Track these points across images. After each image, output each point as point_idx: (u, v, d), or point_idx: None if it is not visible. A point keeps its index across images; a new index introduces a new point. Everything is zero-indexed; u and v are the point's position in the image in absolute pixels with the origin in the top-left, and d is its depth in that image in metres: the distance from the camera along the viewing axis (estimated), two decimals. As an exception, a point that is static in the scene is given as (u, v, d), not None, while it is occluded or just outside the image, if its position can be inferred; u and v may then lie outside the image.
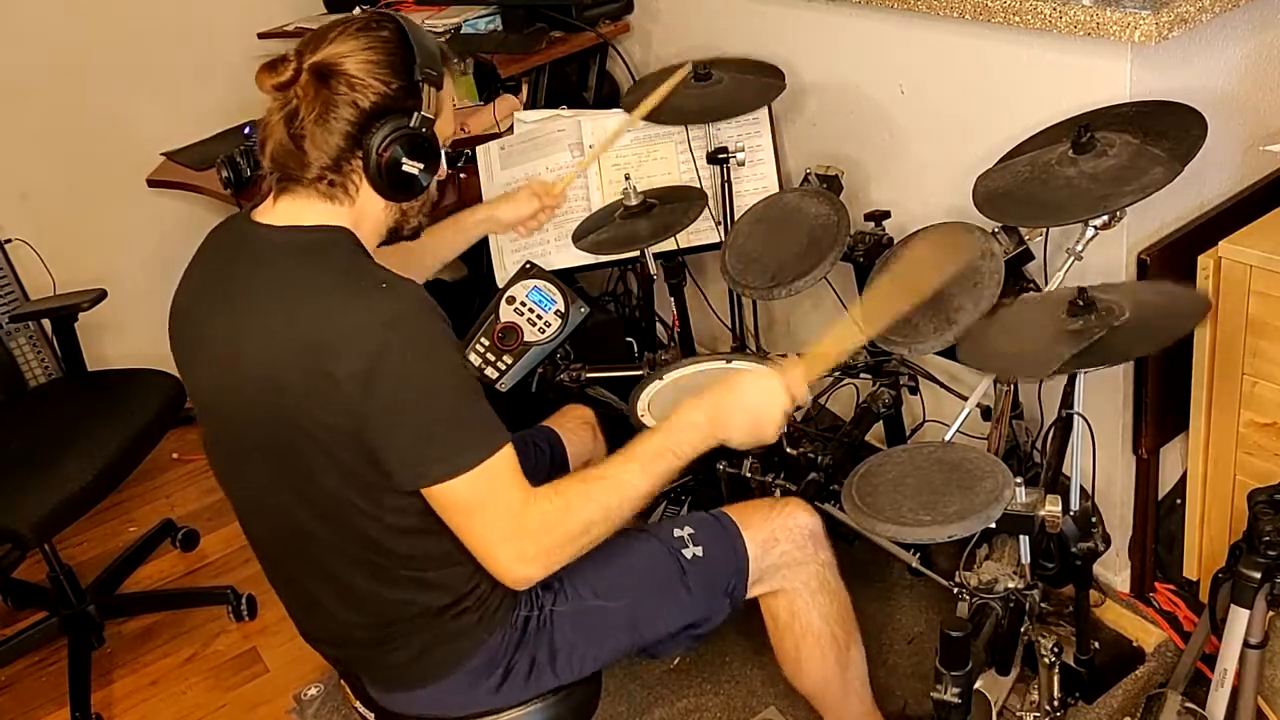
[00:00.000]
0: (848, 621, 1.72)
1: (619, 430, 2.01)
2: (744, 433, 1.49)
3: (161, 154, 3.06)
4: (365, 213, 1.42)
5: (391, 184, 1.39)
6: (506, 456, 1.35)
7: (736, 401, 1.49)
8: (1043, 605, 1.84)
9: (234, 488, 1.51)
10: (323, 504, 1.39)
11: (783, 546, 1.64)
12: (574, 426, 1.98)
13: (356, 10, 3.05)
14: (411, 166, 1.39)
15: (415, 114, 1.38)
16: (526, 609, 1.52)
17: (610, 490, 1.41)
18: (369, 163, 1.37)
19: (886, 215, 2.11)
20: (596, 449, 2.00)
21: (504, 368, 2.18)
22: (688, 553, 1.60)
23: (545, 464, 1.88)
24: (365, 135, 1.36)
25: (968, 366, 1.69)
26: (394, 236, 1.51)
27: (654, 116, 2.28)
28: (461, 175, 2.57)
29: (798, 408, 1.55)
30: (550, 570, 1.40)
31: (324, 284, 1.34)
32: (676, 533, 1.62)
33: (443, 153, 1.46)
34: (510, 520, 1.35)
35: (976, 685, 1.75)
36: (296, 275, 1.36)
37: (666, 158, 2.41)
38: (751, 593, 1.65)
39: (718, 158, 2.29)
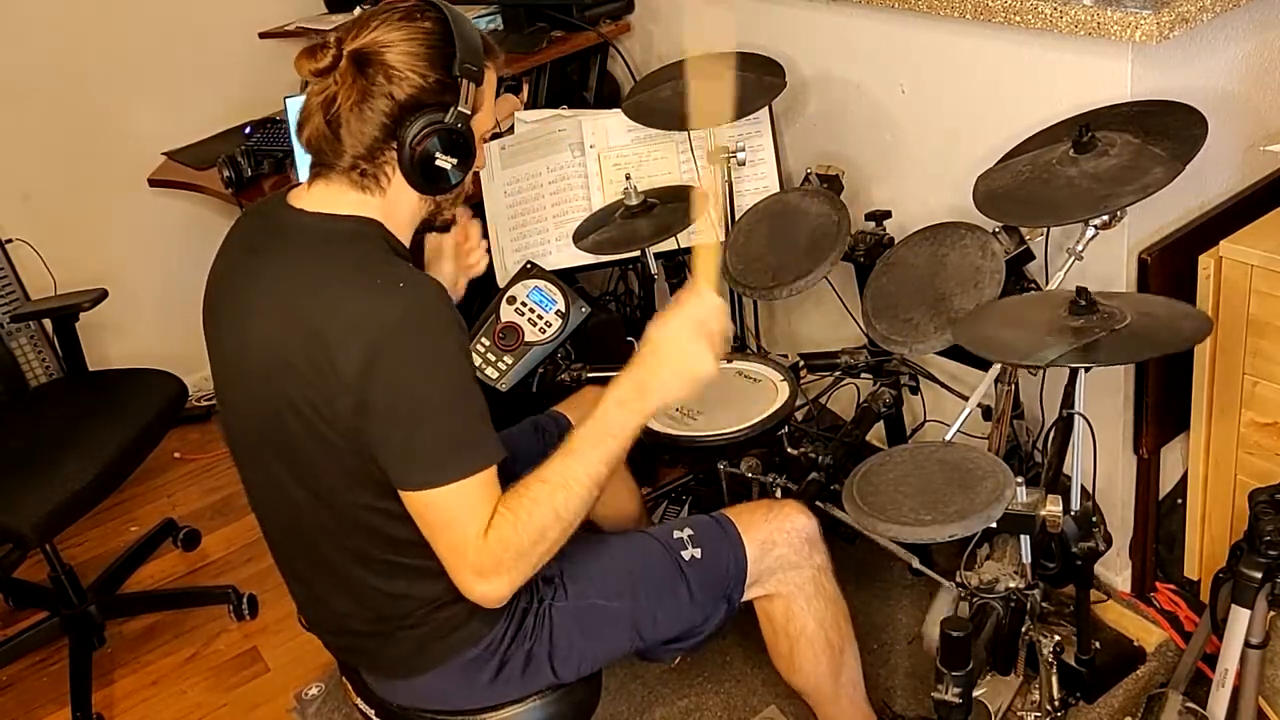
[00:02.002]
0: (842, 626, 1.72)
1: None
2: (681, 385, 1.42)
3: (163, 154, 3.06)
4: (397, 203, 1.42)
5: (424, 177, 1.39)
6: (484, 478, 1.34)
7: (658, 361, 1.42)
8: (1044, 605, 1.84)
9: (246, 474, 1.52)
10: (324, 494, 1.39)
11: (780, 550, 1.63)
12: (588, 409, 1.96)
13: (357, 9, 3.08)
14: (445, 161, 1.38)
15: (451, 109, 1.37)
16: (525, 601, 1.52)
17: (553, 490, 1.38)
18: (402, 155, 1.37)
19: (887, 215, 2.11)
20: None
21: (504, 368, 2.18)
22: (686, 554, 1.60)
23: (545, 438, 1.87)
24: (400, 127, 1.36)
25: (967, 352, 1.67)
26: (426, 227, 1.51)
27: (654, 120, 2.28)
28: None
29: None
30: (516, 585, 1.38)
31: (341, 276, 1.34)
32: (676, 534, 1.62)
33: (479, 146, 1.44)
34: (473, 543, 1.34)
35: (978, 693, 1.75)
36: (317, 264, 1.37)
37: (667, 157, 2.41)
38: (747, 595, 1.65)
39: (719, 158, 2.29)
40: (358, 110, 1.35)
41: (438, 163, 1.38)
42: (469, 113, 1.39)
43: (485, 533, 1.34)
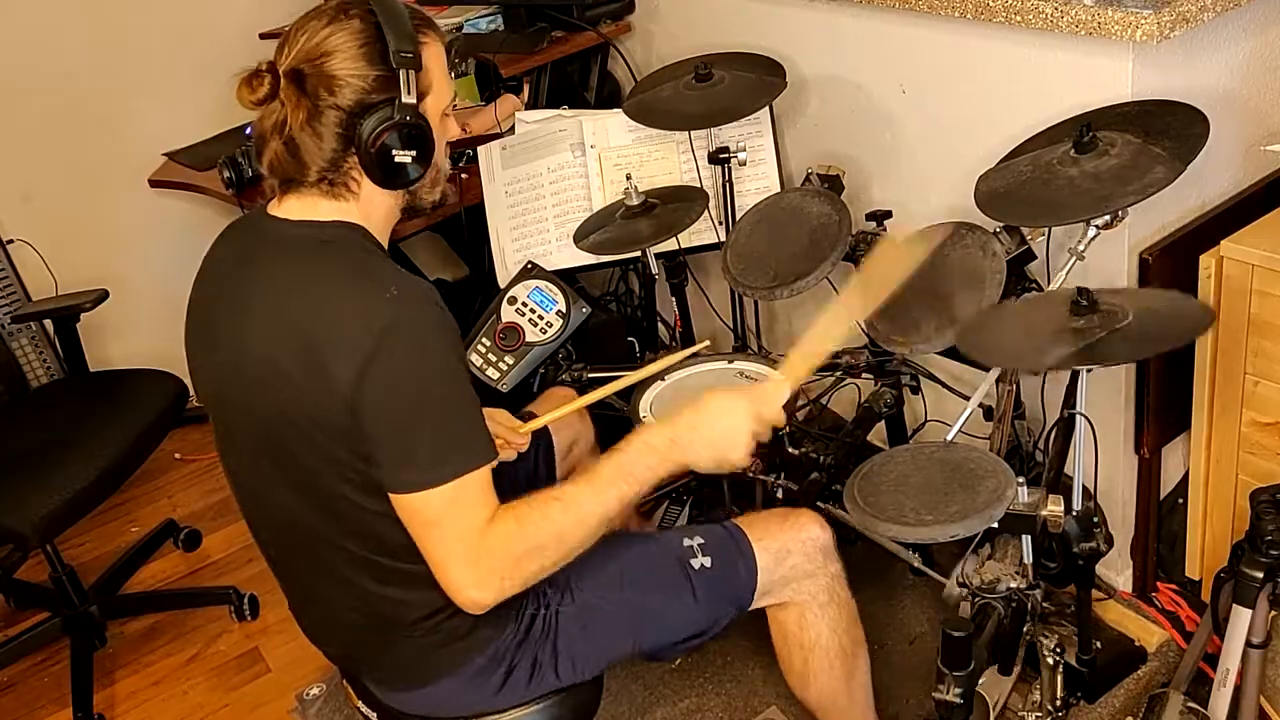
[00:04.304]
0: (855, 631, 1.71)
1: (621, 431, 2.01)
2: (708, 458, 1.44)
3: (163, 154, 3.06)
4: (373, 204, 1.42)
5: (387, 175, 1.39)
6: (479, 477, 1.33)
7: (701, 425, 1.44)
8: (1045, 605, 1.84)
9: (239, 483, 1.52)
10: (323, 501, 1.39)
11: (794, 559, 1.63)
12: (557, 406, 1.95)
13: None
14: (404, 155, 1.38)
15: (396, 101, 1.36)
16: (533, 606, 1.52)
17: (564, 513, 1.38)
18: (362, 159, 1.37)
19: (888, 215, 2.11)
20: (583, 429, 1.99)
21: (505, 368, 2.18)
22: (696, 562, 1.59)
23: (532, 451, 1.87)
24: (353, 132, 1.35)
25: (968, 359, 1.68)
26: (414, 213, 1.51)
27: (654, 120, 2.29)
28: (463, 175, 2.57)
29: (776, 430, 1.48)
30: (504, 594, 1.37)
31: (330, 281, 1.35)
32: (686, 542, 1.61)
33: (435, 131, 1.42)
34: (468, 542, 1.33)
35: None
36: (304, 272, 1.37)
37: (668, 158, 2.41)
38: (759, 604, 1.64)
39: (719, 158, 2.29)
40: (310, 128, 1.34)
41: (396, 158, 1.37)
42: (414, 101, 1.37)
43: (483, 531, 1.34)
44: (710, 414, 1.44)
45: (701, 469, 1.46)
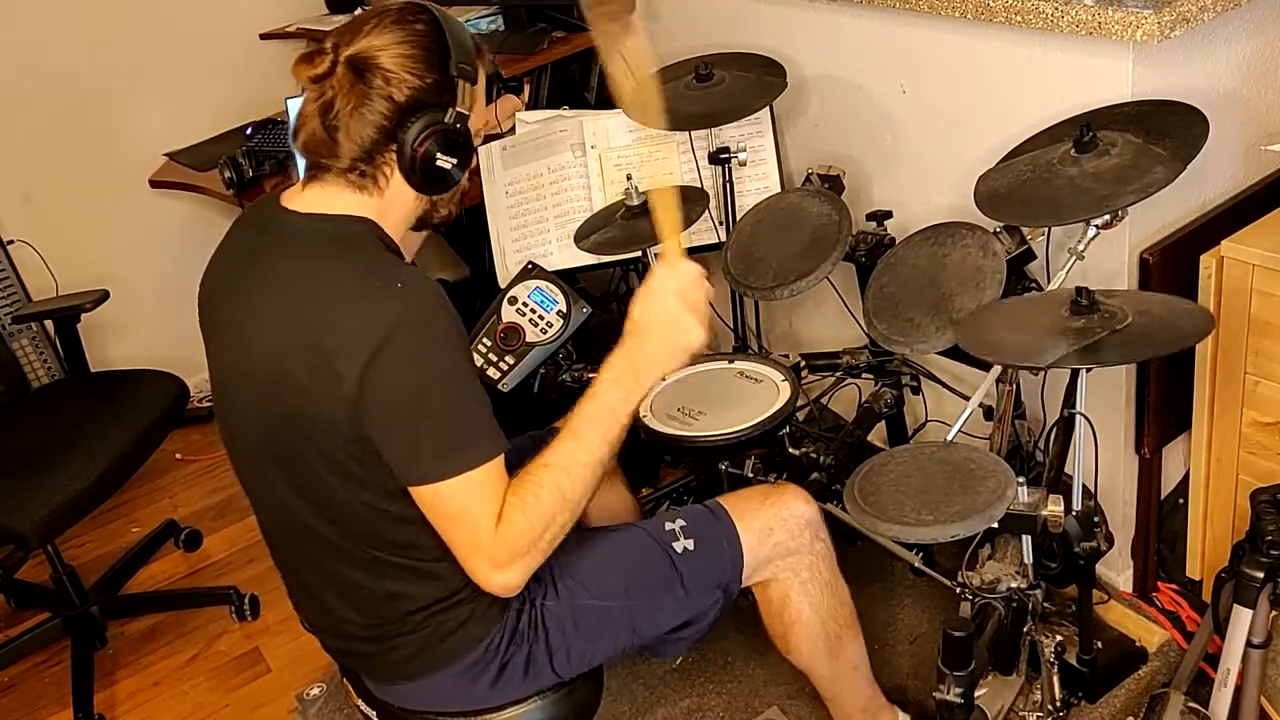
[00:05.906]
0: (841, 613, 1.71)
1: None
2: (671, 358, 1.44)
3: (164, 154, 3.07)
4: (394, 203, 1.43)
5: (425, 178, 1.40)
6: (494, 467, 1.35)
7: (645, 338, 1.43)
8: (1045, 605, 1.84)
9: (245, 479, 1.53)
10: (324, 501, 1.40)
11: (777, 536, 1.63)
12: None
13: (359, 10, 3.07)
14: (445, 162, 1.40)
15: (450, 109, 1.39)
16: (518, 603, 1.52)
17: (558, 474, 1.40)
18: (403, 157, 1.38)
19: (888, 215, 2.11)
20: None
21: (506, 368, 2.18)
22: (678, 546, 1.59)
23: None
24: (399, 129, 1.37)
25: (968, 356, 1.67)
26: (423, 224, 1.52)
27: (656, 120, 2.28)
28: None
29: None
30: (530, 571, 1.39)
31: (337, 280, 1.35)
32: (668, 526, 1.61)
33: (475, 145, 1.46)
34: (485, 533, 1.35)
35: (978, 695, 1.75)
36: (313, 269, 1.37)
37: (668, 158, 2.41)
38: (745, 583, 1.65)
39: (719, 158, 2.29)
40: (357, 114, 1.36)
41: (439, 163, 1.39)
42: (467, 112, 1.41)
43: (498, 520, 1.35)
44: (645, 324, 1.43)
45: (676, 369, 1.46)
